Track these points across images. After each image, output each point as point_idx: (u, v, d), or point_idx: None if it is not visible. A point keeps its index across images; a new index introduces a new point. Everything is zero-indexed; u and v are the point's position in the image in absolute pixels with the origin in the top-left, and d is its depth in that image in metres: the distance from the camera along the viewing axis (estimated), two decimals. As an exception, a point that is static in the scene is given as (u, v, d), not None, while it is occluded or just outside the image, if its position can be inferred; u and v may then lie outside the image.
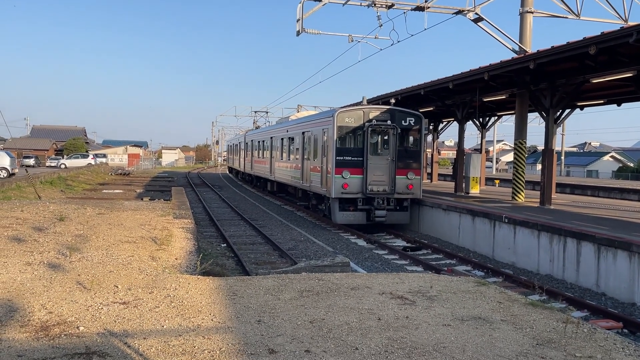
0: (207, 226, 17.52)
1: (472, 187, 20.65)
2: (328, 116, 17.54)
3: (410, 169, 17.16)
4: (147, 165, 76.33)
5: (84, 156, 56.56)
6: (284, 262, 11.97)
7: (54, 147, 72.19)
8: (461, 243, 15.20)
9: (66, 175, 33.66)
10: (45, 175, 29.52)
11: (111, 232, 10.24)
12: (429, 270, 11.71)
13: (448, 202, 16.69)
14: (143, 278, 6.90)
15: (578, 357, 4.61)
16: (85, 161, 53.77)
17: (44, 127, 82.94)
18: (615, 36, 11.39)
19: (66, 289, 6.20)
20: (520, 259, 12.62)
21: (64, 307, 5.53)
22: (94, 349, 4.41)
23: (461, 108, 21.55)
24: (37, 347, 4.43)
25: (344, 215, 16.90)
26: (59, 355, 4.27)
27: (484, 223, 14.21)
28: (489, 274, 11.77)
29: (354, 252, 13.78)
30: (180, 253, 9.38)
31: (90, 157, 56.51)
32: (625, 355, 4.70)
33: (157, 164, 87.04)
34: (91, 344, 4.54)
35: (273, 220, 19.23)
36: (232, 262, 11.85)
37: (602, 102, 19.21)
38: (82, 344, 4.54)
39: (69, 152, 64.63)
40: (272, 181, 27.71)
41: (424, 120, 17.60)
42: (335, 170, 16.55)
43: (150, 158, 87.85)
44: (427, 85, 19.00)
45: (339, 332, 5.03)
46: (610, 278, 10.09)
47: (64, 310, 5.41)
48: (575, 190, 29.75)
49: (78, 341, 4.60)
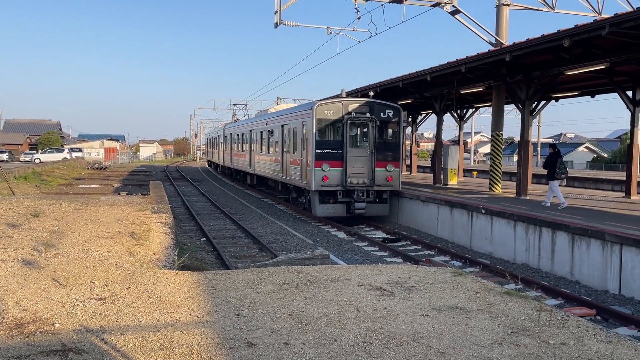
0: (186, 220, 17.39)
1: (450, 179, 20.87)
2: (307, 109, 17.52)
3: (390, 161, 17.26)
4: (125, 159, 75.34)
5: (59, 150, 55.49)
6: (264, 255, 11.96)
7: (27, 141, 70.69)
8: (440, 234, 15.37)
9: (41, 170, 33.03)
10: (19, 170, 28.93)
11: (87, 227, 10.10)
12: (407, 261, 11.81)
13: (427, 194, 16.85)
14: (120, 273, 6.83)
15: (551, 344, 4.72)
16: (60, 155, 52.77)
17: (17, 121, 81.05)
18: (589, 29, 11.59)
19: (41, 285, 6.10)
20: (497, 249, 12.82)
21: (39, 304, 5.45)
22: (70, 346, 4.36)
23: (439, 100, 21.73)
24: (11, 345, 4.36)
25: (324, 207, 16.95)
26: (35, 353, 4.21)
27: (461, 214, 14.38)
28: (467, 264, 11.92)
29: (334, 245, 13.83)
30: (158, 248, 9.29)
31: (65, 151, 55.46)
32: (597, 342, 4.83)
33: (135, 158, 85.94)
34: (67, 341, 4.49)
35: (253, 213, 19.18)
36: (211, 256, 11.80)
37: (577, 93, 19.56)
38: (57, 341, 4.49)
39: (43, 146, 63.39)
40: (251, 174, 27.61)
41: (402, 113, 17.69)
42: (315, 163, 16.56)
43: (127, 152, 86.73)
44: (406, 78, 19.10)
45: (317, 324, 5.06)
46: (584, 266, 10.34)
47: (39, 307, 5.33)
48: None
49: (54, 338, 4.54)
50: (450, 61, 16.50)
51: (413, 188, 19.14)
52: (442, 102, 21.68)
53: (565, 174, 13.63)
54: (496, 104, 18.48)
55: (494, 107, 18.64)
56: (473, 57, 15.44)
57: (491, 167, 18.56)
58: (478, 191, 18.54)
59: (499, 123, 18.31)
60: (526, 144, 16.74)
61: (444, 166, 21.17)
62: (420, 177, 27.95)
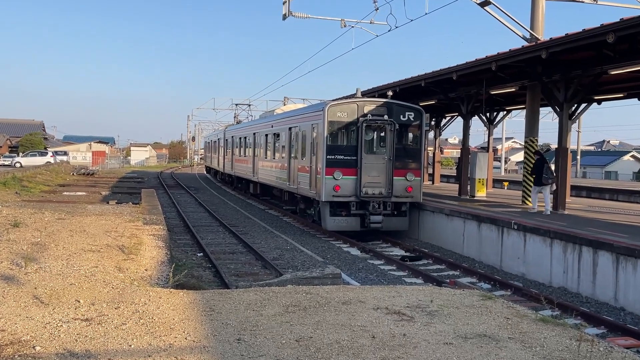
0: (182, 233, 17.47)
1: (478, 190, 20.80)
2: (318, 110, 17.59)
3: (410, 169, 17.25)
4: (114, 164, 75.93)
5: (42, 154, 56.07)
6: (267, 273, 12.00)
7: (7, 143, 71.48)
8: (466, 252, 15.30)
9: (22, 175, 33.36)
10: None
11: (72, 239, 10.18)
12: (429, 282, 11.77)
13: (451, 207, 16.80)
14: (108, 291, 6.87)
15: (593, 379, 4.66)
16: (43, 159, 53.31)
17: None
18: (636, 23, 11.53)
19: (21, 304, 6.15)
20: (531, 270, 12.73)
21: (19, 324, 5.49)
22: (52, 372, 4.38)
23: (466, 102, 21.71)
24: (-13, 370, 4.39)
25: (335, 220, 16.94)
26: (12, 379, 4.24)
27: (490, 230, 14.31)
28: (496, 286, 11.87)
29: (346, 262, 13.82)
30: (150, 263, 9.35)
31: (49, 154, 56.05)
32: (645, 377, 4.77)
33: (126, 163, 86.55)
34: (49, 366, 4.51)
35: (256, 226, 19.22)
36: (209, 274, 11.84)
37: (622, 95, 19.45)
38: (38, 366, 4.51)
39: (25, 149, 64.02)
40: (255, 182, 27.70)
41: (424, 115, 17.70)
42: (326, 170, 16.59)
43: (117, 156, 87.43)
44: (429, 76, 19.11)
45: (328, 352, 5.05)
46: (629, 291, 10.21)
47: (19, 328, 5.37)
48: (592, 194, 30.05)
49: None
50: (478, 58, 16.51)
51: (436, 200, 19.09)
52: (470, 103, 21.65)
53: (552, 179, 15.55)
54: (530, 106, 18.41)
55: (527, 109, 18.58)
56: (505, 53, 15.43)
57: (524, 177, 18.47)
58: (509, 204, 18.45)
59: (534, 128, 18.24)
60: (564, 151, 16.64)
61: (470, 175, 21.11)
62: (443, 187, 27.87)
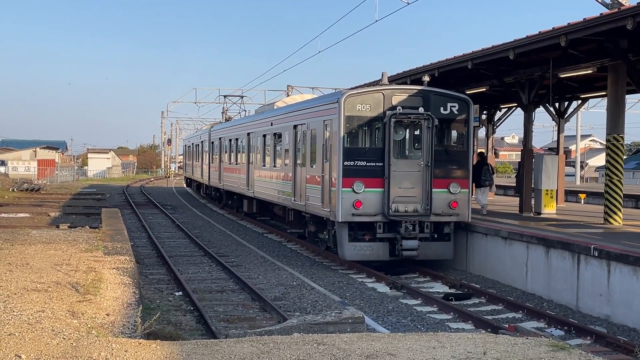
0: (155, 266, 17.51)
1: (545, 205, 20.66)
2: (332, 102, 17.59)
3: (454, 178, 17.19)
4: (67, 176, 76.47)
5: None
6: (267, 318, 11.97)
7: None
8: (530, 288, 15.19)
9: (-54, 193, 33.72)
10: None
11: (12, 276, 10.22)
12: (482, 328, 11.72)
13: (510, 227, 16.70)
14: (58, 344, 6.88)
15: None
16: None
17: None
18: None
19: (-56, 360, 6.18)
20: (618, 311, 12.60)
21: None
22: None
23: (527, 88, 21.64)
24: None
25: (356, 247, 16.89)
26: None
27: (563, 258, 14.20)
28: (572, 332, 11.78)
29: (371, 303, 13.77)
30: (113, 306, 9.36)
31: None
32: None
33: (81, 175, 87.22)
34: None
35: (252, 255, 19.21)
36: (190, 319, 11.84)
37: None
38: None
39: (-50, 157, 64.79)
40: (250, 198, 27.72)
41: (472, 107, 17.68)
42: (343, 181, 16.56)
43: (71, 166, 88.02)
44: (478, 55, 19.09)
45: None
46: None
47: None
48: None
49: None
50: (542, 30, 16.45)
51: (489, 218, 19.00)
52: (532, 90, 21.58)
53: (490, 182, 19.96)
54: (613, 93, 18.29)
55: (609, 97, 18.46)
56: (578, 24, 15.37)
57: (607, 188, 18.31)
58: (587, 223, 18.30)
59: (618, 122, 18.10)
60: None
61: (535, 186, 20.98)
62: (500, 201, 27.73)
